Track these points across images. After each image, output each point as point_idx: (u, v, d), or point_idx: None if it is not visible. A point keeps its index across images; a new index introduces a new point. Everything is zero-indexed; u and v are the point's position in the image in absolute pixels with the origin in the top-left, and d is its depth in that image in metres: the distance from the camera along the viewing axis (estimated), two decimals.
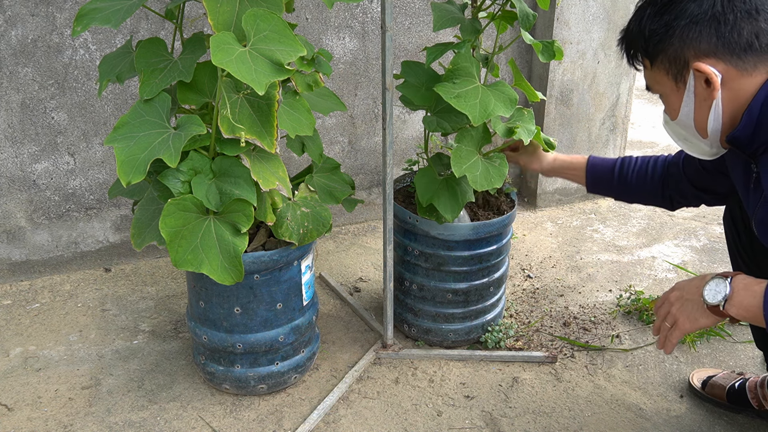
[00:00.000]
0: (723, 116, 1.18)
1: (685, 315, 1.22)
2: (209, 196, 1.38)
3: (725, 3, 1.12)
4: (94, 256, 2.29)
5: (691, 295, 1.22)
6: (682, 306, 1.23)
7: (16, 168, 2.09)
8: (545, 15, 2.54)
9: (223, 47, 1.20)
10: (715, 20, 1.12)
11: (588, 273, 2.32)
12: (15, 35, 1.95)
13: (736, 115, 1.18)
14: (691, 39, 1.14)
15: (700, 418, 1.66)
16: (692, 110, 1.21)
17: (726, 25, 1.11)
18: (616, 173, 1.64)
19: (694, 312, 1.21)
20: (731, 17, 1.11)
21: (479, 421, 1.64)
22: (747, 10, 1.11)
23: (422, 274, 1.81)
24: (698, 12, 1.13)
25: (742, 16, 1.11)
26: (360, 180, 2.58)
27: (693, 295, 1.22)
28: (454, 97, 1.51)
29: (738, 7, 1.11)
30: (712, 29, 1.12)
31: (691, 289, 1.23)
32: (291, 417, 1.64)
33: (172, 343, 1.91)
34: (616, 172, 1.64)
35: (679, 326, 1.23)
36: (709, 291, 1.18)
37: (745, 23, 1.11)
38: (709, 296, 1.18)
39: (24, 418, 1.63)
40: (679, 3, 1.15)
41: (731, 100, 1.16)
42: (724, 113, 1.18)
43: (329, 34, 2.31)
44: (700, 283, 1.21)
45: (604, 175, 1.66)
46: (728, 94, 1.16)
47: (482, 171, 1.61)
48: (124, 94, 2.13)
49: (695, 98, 1.19)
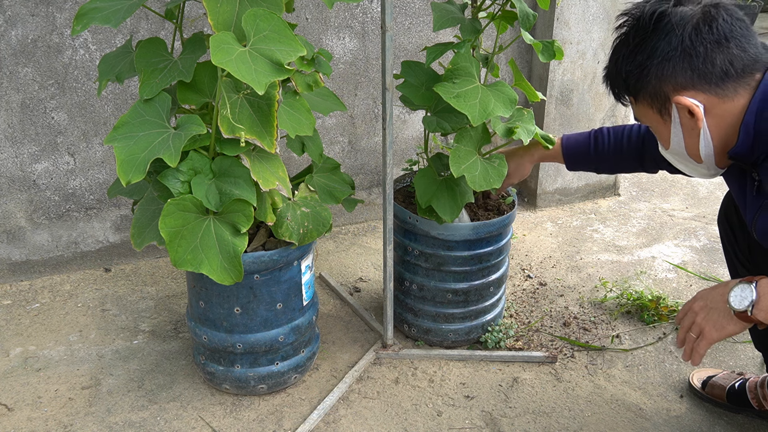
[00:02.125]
0: (713, 141, 1.20)
1: (711, 324, 1.20)
2: (209, 196, 1.38)
3: (693, 36, 1.13)
4: (94, 256, 2.29)
5: (716, 303, 1.20)
6: (707, 315, 1.21)
7: (16, 168, 2.09)
8: (545, 15, 2.54)
9: (223, 47, 1.20)
10: (687, 55, 1.13)
11: (588, 273, 2.32)
12: (15, 35, 1.95)
13: (729, 135, 1.19)
14: (666, 75, 1.16)
15: (700, 418, 1.66)
16: (682, 140, 1.23)
17: (698, 57, 1.13)
18: (592, 149, 1.66)
19: (721, 320, 1.19)
20: (701, 49, 1.13)
21: (479, 421, 1.64)
22: (716, 40, 1.12)
23: (422, 274, 1.81)
24: (668, 49, 1.14)
25: (712, 47, 1.12)
26: (360, 180, 2.58)
27: (718, 303, 1.20)
28: (453, 96, 1.51)
29: (706, 38, 1.12)
30: (686, 64, 1.14)
31: (715, 297, 1.21)
32: (291, 417, 1.64)
33: (172, 343, 1.91)
34: (592, 147, 1.66)
35: (706, 336, 1.21)
36: (735, 297, 1.17)
37: (717, 53, 1.12)
38: (736, 302, 1.16)
39: (24, 418, 1.63)
40: (650, 42, 1.16)
41: (718, 125, 1.18)
42: (714, 138, 1.20)
43: (329, 34, 2.31)
44: (724, 290, 1.20)
45: (581, 152, 1.68)
46: (714, 120, 1.17)
47: (481, 171, 1.61)
48: (124, 94, 2.13)
49: (682, 129, 1.21)
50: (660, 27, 1.15)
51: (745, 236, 1.51)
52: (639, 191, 2.99)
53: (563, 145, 1.70)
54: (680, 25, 1.13)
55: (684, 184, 3.07)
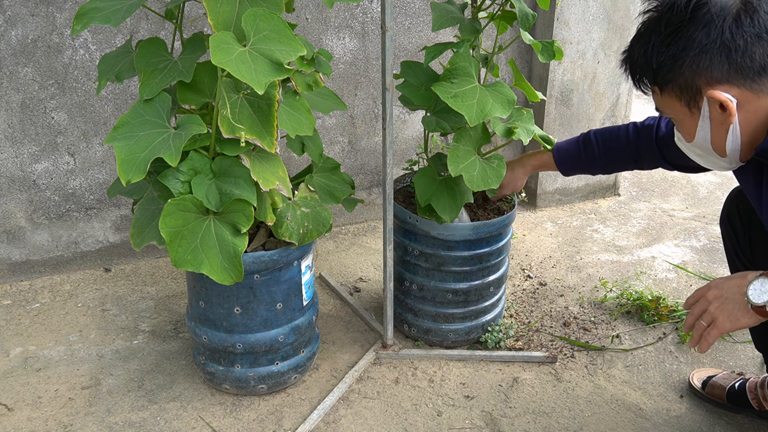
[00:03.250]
0: (742, 136, 1.16)
1: (726, 314, 1.18)
2: (209, 196, 1.38)
3: (734, 29, 1.08)
4: (94, 256, 2.29)
5: (733, 294, 1.18)
6: (721, 305, 1.19)
7: (16, 168, 2.09)
8: (545, 15, 2.54)
9: (222, 47, 1.20)
10: (726, 48, 1.08)
11: (588, 273, 2.32)
12: (15, 35, 1.95)
13: (758, 131, 1.15)
14: (702, 68, 1.11)
15: (700, 418, 1.66)
16: (709, 134, 1.19)
17: (737, 51, 1.08)
18: (582, 154, 1.69)
19: (736, 311, 1.17)
20: (741, 43, 1.08)
21: (479, 421, 1.64)
22: (757, 34, 1.07)
23: (422, 274, 1.81)
24: (707, 41, 1.09)
25: (752, 41, 1.07)
26: (360, 180, 2.58)
27: (734, 295, 1.18)
28: (451, 96, 1.51)
29: (747, 31, 1.07)
30: (723, 57, 1.09)
31: (732, 287, 1.19)
32: (291, 417, 1.64)
33: (172, 343, 1.91)
34: (582, 153, 1.69)
35: (719, 326, 1.19)
36: (754, 291, 1.14)
37: (757, 47, 1.08)
38: (755, 296, 1.14)
39: (24, 418, 1.63)
40: (686, 32, 1.11)
41: (749, 121, 1.14)
42: (743, 133, 1.15)
43: (329, 34, 2.31)
44: (741, 282, 1.17)
45: (572, 158, 1.72)
46: (746, 116, 1.13)
47: (479, 171, 1.61)
48: (124, 94, 2.13)
49: (711, 123, 1.17)
50: (698, 16, 1.09)
51: (748, 237, 1.50)
52: (639, 191, 2.99)
53: (555, 154, 1.75)
54: (720, 16, 1.08)
55: (684, 184, 3.07)
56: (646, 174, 3.17)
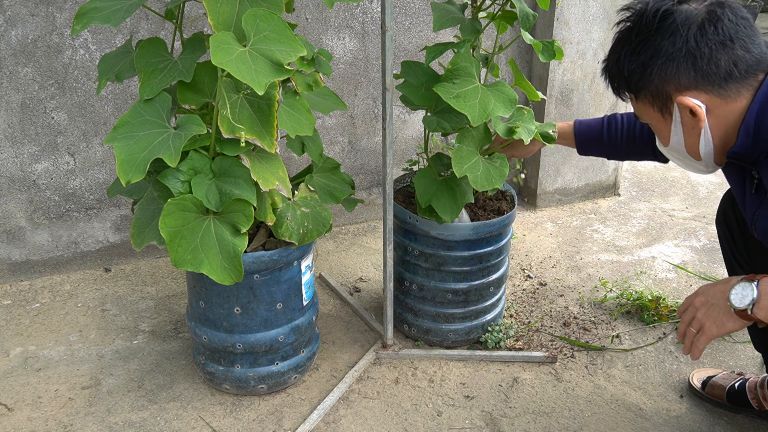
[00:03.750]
0: (714, 140, 1.20)
1: (712, 320, 1.20)
2: (209, 196, 1.38)
3: (698, 37, 1.12)
4: (94, 256, 2.29)
5: (717, 300, 1.21)
6: (708, 311, 1.22)
7: (16, 168, 2.09)
8: (545, 15, 2.54)
9: (222, 47, 1.20)
10: (691, 56, 1.12)
11: (588, 273, 2.32)
12: (15, 35, 1.95)
13: (729, 135, 1.19)
14: (669, 76, 1.15)
15: (700, 418, 1.66)
16: (682, 138, 1.23)
17: (702, 59, 1.12)
18: (605, 134, 1.64)
19: (721, 316, 1.19)
20: (706, 50, 1.11)
21: (479, 421, 1.64)
22: (721, 41, 1.11)
23: (422, 274, 1.81)
24: (673, 50, 1.13)
25: (717, 48, 1.11)
26: (360, 180, 2.58)
27: (719, 300, 1.20)
28: (453, 97, 1.51)
29: (712, 39, 1.11)
30: (689, 64, 1.13)
31: (716, 293, 1.22)
32: (291, 417, 1.64)
33: (172, 343, 1.91)
34: (605, 133, 1.64)
35: (706, 331, 1.21)
36: (736, 295, 1.17)
37: (721, 54, 1.12)
38: (736, 300, 1.16)
39: (24, 418, 1.63)
40: (653, 41, 1.15)
41: (719, 125, 1.18)
42: (714, 137, 1.19)
43: (329, 34, 2.31)
44: (725, 287, 1.20)
45: (593, 137, 1.66)
46: (715, 120, 1.17)
47: (483, 171, 1.61)
48: (124, 94, 2.13)
49: (683, 128, 1.21)
50: (664, 26, 1.14)
51: (743, 237, 1.51)
52: (639, 191, 2.99)
53: (575, 129, 1.68)
54: (685, 25, 1.12)
55: (684, 184, 3.07)
56: (646, 174, 3.17)
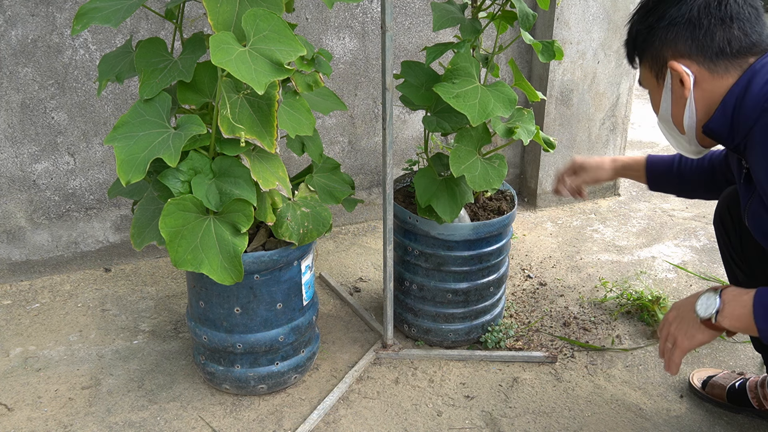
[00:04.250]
0: (697, 113, 1.24)
1: (683, 333, 1.24)
2: (209, 196, 1.38)
3: (701, 9, 1.17)
4: (94, 256, 2.29)
5: (686, 313, 1.25)
6: (679, 325, 1.25)
7: (16, 168, 2.09)
8: (545, 15, 2.54)
9: (222, 47, 1.20)
10: (691, 24, 1.18)
11: (588, 273, 2.32)
12: (15, 35, 1.95)
13: (710, 111, 1.23)
14: (669, 40, 1.21)
15: (700, 418, 1.66)
16: (670, 106, 1.28)
17: (700, 29, 1.17)
18: (675, 169, 1.64)
19: (690, 329, 1.23)
20: (705, 22, 1.17)
21: (479, 421, 1.64)
22: (721, 17, 1.16)
23: (422, 274, 1.81)
24: (677, 15, 1.19)
25: (715, 23, 1.17)
26: (360, 180, 2.58)
27: (687, 313, 1.24)
28: (453, 97, 1.51)
29: (713, 13, 1.16)
30: (688, 32, 1.18)
31: (686, 306, 1.26)
32: (291, 417, 1.64)
33: (172, 343, 1.91)
34: (675, 167, 1.64)
35: (679, 345, 1.25)
36: (701, 305, 1.21)
37: (718, 29, 1.17)
38: (701, 310, 1.20)
39: (24, 418, 1.63)
40: (662, 6, 1.21)
41: (704, 99, 1.22)
42: (698, 110, 1.24)
43: (329, 34, 2.31)
44: (693, 299, 1.24)
45: (663, 171, 1.66)
46: (701, 93, 1.22)
47: (481, 171, 1.61)
48: (124, 94, 2.13)
49: (672, 95, 1.26)
50: None
51: (740, 238, 1.52)
52: (639, 191, 2.99)
53: (647, 165, 1.67)
54: None
55: None
56: None
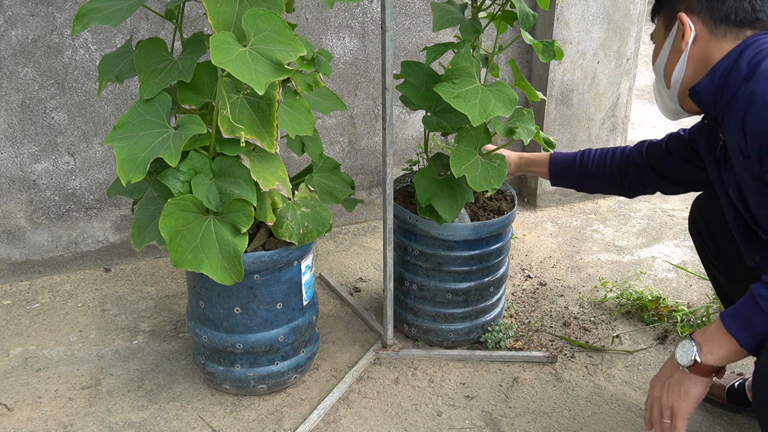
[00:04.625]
0: (686, 70, 1.30)
1: (676, 396, 1.23)
2: (209, 196, 1.38)
3: None
4: (94, 256, 2.29)
5: (669, 375, 1.25)
6: (668, 391, 1.25)
7: (16, 168, 2.09)
8: (545, 15, 2.54)
9: (222, 47, 1.20)
10: None
11: (588, 273, 2.32)
12: (15, 35, 1.95)
13: (700, 74, 1.28)
14: None
15: (700, 418, 1.66)
16: (666, 56, 1.34)
17: None
18: (577, 165, 1.73)
19: (682, 387, 1.22)
20: None
21: (479, 421, 1.64)
22: None
23: (422, 274, 1.81)
24: None
25: None
26: (360, 180, 2.58)
27: (671, 373, 1.25)
28: (453, 97, 1.51)
29: None
30: None
31: (667, 370, 1.27)
32: (291, 417, 1.64)
33: (172, 343, 1.91)
34: (577, 163, 1.73)
35: (677, 412, 1.23)
36: (680, 356, 1.22)
37: None
38: (683, 359, 1.21)
39: (24, 418, 1.63)
40: None
41: (696, 57, 1.28)
42: (688, 68, 1.30)
43: (329, 34, 2.31)
44: (671, 360, 1.26)
45: (566, 167, 1.76)
46: (695, 51, 1.28)
47: (481, 171, 1.61)
48: (124, 94, 2.13)
49: (672, 46, 1.32)
50: None
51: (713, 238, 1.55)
52: None
53: (550, 162, 1.78)
54: None
55: None
56: None
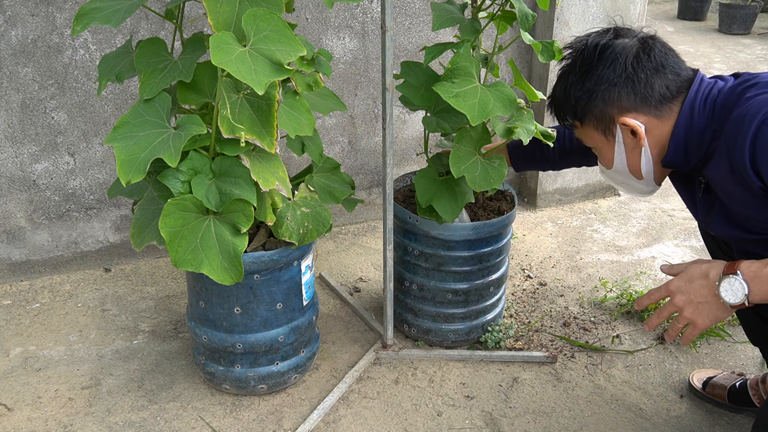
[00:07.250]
0: (653, 158, 1.32)
1: (704, 315, 1.24)
2: (209, 196, 1.38)
3: (635, 64, 1.25)
4: (94, 256, 2.29)
5: (705, 298, 1.23)
6: (696, 309, 1.24)
7: (16, 168, 2.09)
8: (545, 15, 2.54)
9: (222, 47, 1.20)
10: (630, 81, 1.25)
11: (588, 273, 2.32)
12: (15, 35, 1.95)
13: (664, 150, 1.31)
14: (612, 99, 1.27)
15: (700, 418, 1.66)
16: (624, 158, 1.34)
17: (640, 83, 1.25)
18: (537, 148, 1.76)
19: (714, 311, 1.23)
20: (643, 76, 1.25)
21: (479, 421, 1.64)
22: (654, 68, 1.25)
23: (422, 274, 1.81)
24: (614, 76, 1.26)
25: (651, 74, 1.25)
26: (360, 180, 2.58)
27: (707, 297, 1.23)
28: (452, 96, 1.51)
29: (646, 66, 1.25)
30: (629, 89, 1.26)
31: (701, 291, 1.24)
32: (291, 417, 1.64)
33: (172, 343, 1.91)
34: (536, 147, 1.75)
35: (699, 326, 1.25)
36: (726, 292, 1.20)
37: (655, 79, 1.25)
38: (731, 298, 1.19)
39: (24, 418, 1.63)
40: (596, 70, 1.28)
41: (656, 143, 1.30)
42: (653, 154, 1.31)
43: (329, 34, 2.31)
44: (707, 282, 1.23)
45: (527, 151, 1.78)
46: (653, 139, 1.29)
47: (481, 171, 1.61)
48: (124, 94, 2.13)
49: (625, 148, 1.33)
50: (604, 57, 1.27)
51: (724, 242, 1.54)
52: None
53: (510, 147, 1.80)
54: (622, 55, 1.25)
55: None
56: None
